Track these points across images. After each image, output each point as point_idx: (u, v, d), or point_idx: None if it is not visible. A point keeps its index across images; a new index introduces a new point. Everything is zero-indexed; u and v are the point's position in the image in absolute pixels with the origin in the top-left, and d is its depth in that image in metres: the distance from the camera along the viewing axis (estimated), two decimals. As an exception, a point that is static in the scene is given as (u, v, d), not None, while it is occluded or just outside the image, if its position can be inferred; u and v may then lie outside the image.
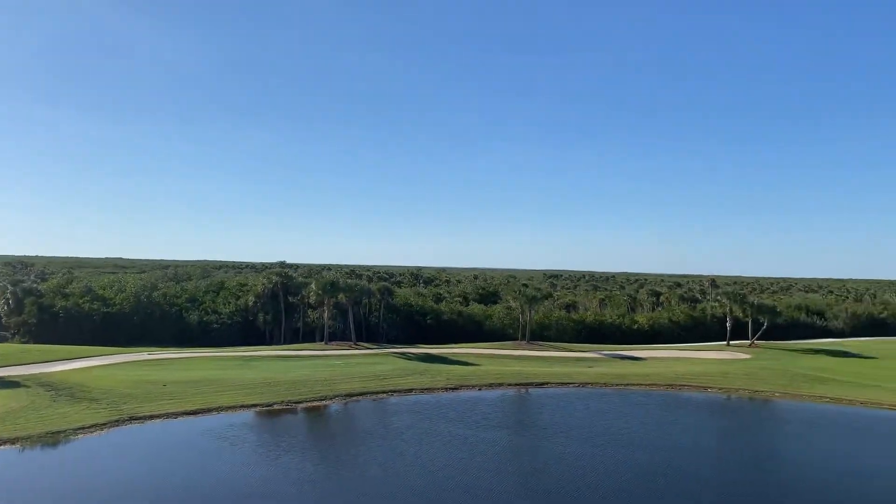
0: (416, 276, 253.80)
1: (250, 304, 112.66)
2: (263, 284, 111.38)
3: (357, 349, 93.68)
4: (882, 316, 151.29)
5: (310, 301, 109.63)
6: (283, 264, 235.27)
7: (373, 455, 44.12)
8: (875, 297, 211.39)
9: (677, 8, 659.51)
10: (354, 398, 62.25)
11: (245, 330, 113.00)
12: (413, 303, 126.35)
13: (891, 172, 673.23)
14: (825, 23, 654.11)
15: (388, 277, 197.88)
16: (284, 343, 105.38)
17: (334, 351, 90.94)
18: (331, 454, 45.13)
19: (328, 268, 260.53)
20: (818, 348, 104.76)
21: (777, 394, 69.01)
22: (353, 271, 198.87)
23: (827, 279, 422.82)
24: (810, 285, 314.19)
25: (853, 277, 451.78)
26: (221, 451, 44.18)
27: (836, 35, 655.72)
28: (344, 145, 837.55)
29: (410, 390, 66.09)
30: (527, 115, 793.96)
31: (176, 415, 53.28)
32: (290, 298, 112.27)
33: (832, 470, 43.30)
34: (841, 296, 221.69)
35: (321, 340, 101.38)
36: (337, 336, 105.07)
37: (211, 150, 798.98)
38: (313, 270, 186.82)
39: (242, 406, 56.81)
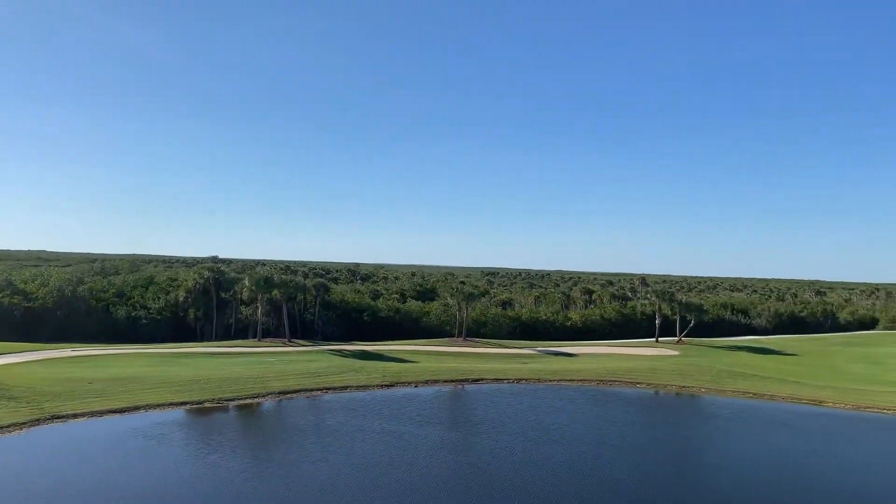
0: (354, 272, 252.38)
1: (181, 299, 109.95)
2: (195, 279, 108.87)
3: (291, 346, 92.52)
4: (802, 315, 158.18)
5: (243, 297, 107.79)
6: (215, 259, 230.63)
7: (305, 452, 43.73)
8: (796, 296, 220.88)
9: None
10: (288, 396, 61.50)
11: (175, 326, 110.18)
12: (350, 300, 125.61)
13: (811, 175, 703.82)
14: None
15: (325, 274, 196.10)
16: (216, 340, 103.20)
17: (268, 348, 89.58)
18: (262, 452, 44.49)
19: (262, 263, 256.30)
20: (742, 345, 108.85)
21: (703, 389, 71.39)
22: (289, 267, 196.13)
23: (751, 279, 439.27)
24: (735, 284, 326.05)
25: (776, 277, 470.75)
26: (148, 450, 43.02)
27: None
28: (277, 138, 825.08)
29: (346, 387, 65.70)
30: (468, 113, 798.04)
31: (101, 413, 51.57)
32: (223, 294, 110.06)
33: (751, 461, 45.07)
34: (764, 295, 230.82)
35: (254, 337, 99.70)
36: (271, 333, 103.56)
37: (140, 139, 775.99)
38: (247, 266, 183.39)
39: (171, 404, 55.39)
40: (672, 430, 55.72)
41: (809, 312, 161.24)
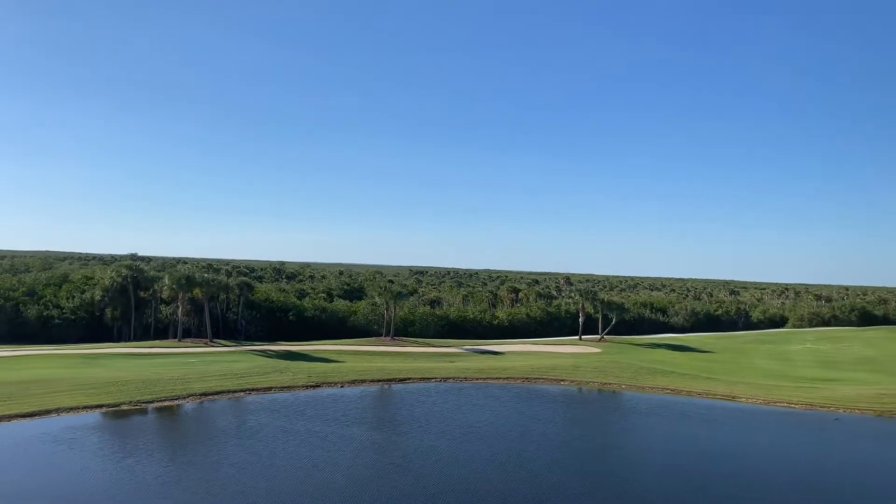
0: (279, 271, 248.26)
1: (97, 298, 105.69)
2: (112, 278, 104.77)
3: (214, 347, 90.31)
4: (717, 313, 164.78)
5: (163, 296, 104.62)
6: (134, 257, 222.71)
7: (225, 455, 42.75)
8: (711, 295, 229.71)
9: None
10: (210, 397, 60.01)
11: (91, 326, 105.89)
12: (275, 299, 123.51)
13: (726, 180, 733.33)
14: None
15: (249, 272, 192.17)
16: (135, 340, 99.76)
17: (189, 348, 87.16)
18: (180, 455, 43.27)
19: (183, 261, 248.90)
20: (661, 343, 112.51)
21: (623, 385, 73.43)
22: (211, 265, 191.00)
23: (670, 279, 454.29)
24: (655, 284, 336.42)
25: (693, 277, 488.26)
26: (58, 455, 41.21)
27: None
28: (204, 134, 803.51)
29: (270, 388, 64.59)
30: (400, 110, 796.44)
31: (9, 417, 49.09)
32: (142, 293, 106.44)
33: (666, 453, 46.73)
34: (682, 294, 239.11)
35: (175, 337, 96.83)
36: (192, 333, 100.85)
37: (49, 132, 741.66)
38: (167, 264, 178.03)
39: (86, 407, 53.20)
40: (593, 425, 57.15)
41: (724, 311, 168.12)
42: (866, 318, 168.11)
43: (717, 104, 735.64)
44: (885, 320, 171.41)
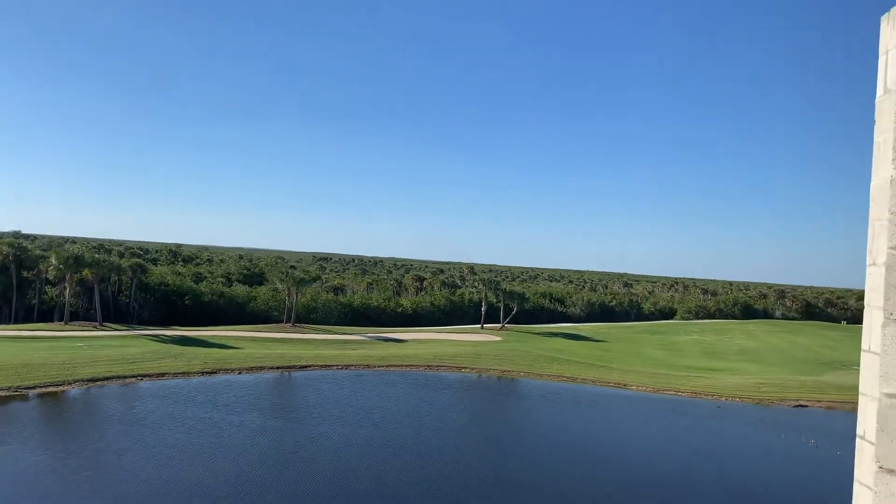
0: (175, 253, 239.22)
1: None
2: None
3: (104, 330, 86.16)
4: (612, 304, 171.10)
5: (48, 276, 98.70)
6: (17, 234, 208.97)
7: (108, 442, 40.95)
8: (606, 287, 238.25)
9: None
10: (98, 383, 57.28)
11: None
12: (170, 282, 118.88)
13: (622, 177, 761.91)
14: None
15: (143, 254, 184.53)
16: (16, 322, 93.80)
17: (77, 332, 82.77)
18: (58, 443, 41.11)
19: (72, 241, 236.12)
20: (558, 332, 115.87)
21: (522, 373, 75.26)
22: (102, 246, 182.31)
23: (568, 270, 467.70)
24: (553, 275, 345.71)
25: (590, 269, 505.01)
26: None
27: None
28: (95, 109, 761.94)
29: (163, 374, 62.29)
30: (303, 95, 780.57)
31: None
32: (25, 273, 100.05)
33: (557, 437, 48.41)
34: (579, 285, 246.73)
35: (61, 320, 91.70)
36: (80, 316, 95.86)
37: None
38: (54, 242, 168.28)
39: (-43, 394, 49.73)
40: (490, 411, 58.46)
41: (618, 302, 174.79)
42: (748, 312, 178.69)
43: (615, 102, 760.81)
44: (764, 314, 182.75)
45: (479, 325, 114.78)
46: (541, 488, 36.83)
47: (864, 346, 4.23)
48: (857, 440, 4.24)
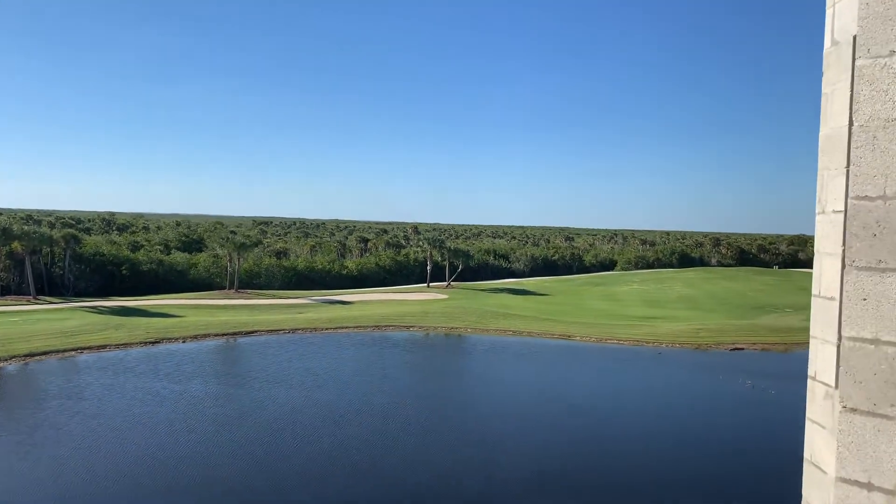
0: (109, 222, 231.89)
1: None
2: None
3: (38, 304, 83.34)
4: (554, 258, 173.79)
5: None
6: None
7: (44, 417, 39.97)
8: (549, 242, 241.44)
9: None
10: (36, 358, 55.55)
11: None
12: (105, 252, 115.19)
13: (562, 135, 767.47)
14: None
15: (76, 224, 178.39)
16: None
17: (9, 307, 79.85)
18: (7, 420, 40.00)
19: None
20: (503, 287, 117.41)
21: (469, 329, 76.16)
22: (31, 216, 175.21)
23: (510, 226, 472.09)
24: (497, 232, 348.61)
25: (532, 224, 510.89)
26: None
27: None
28: (15, 74, 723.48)
29: (104, 346, 60.77)
30: (224, 51, 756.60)
31: None
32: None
33: (503, 390, 49.46)
34: (521, 241, 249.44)
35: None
36: (12, 290, 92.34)
37: None
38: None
39: None
40: (436, 367, 59.35)
41: (560, 256, 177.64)
42: (685, 261, 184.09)
43: (552, 62, 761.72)
44: (700, 262, 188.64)
45: (426, 284, 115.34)
46: (487, 440, 37.65)
47: (814, 291, 4.39)
48: (809, 381, 4.43)
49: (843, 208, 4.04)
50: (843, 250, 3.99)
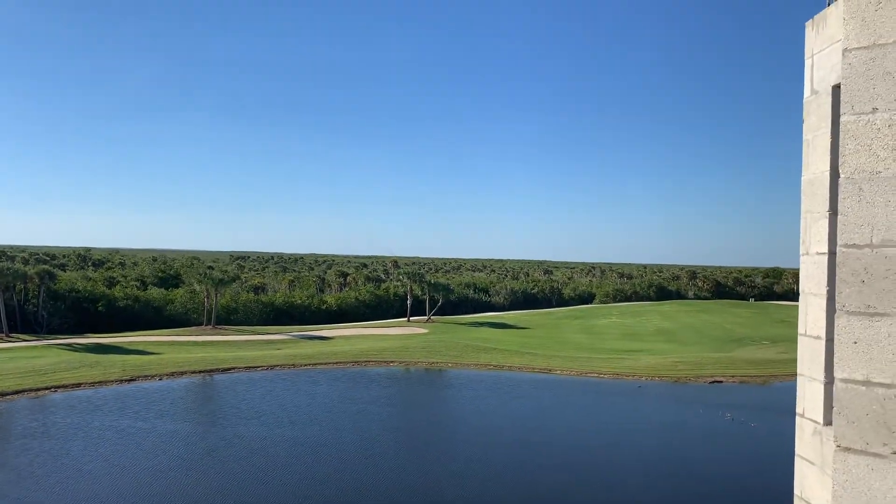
0: (84, 258, 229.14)
1: None
2: None
3: (10, 341, 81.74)
4: (533, 291, 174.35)
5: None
6: None
7: (6, 458, 39.07)
8: (528, 275, 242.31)
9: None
10: (7, 397, 54.32)
11: None
12: (81, 288, 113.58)
13: (538, 169, 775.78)
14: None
15: (50, 259, 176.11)
16: None
17: (-21, 345, 78.21)
18: None
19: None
20: (484, 321, 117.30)
21: (450, 363, 75.85)
22: (4, 252, 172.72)
23: (490, 259, 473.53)
24: (476, 265, 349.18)
25: (511, 258, 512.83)
26: None
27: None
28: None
29: (79, 385, 59.62)
30: (203, 86, 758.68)
31: None
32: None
33: (482, 424, 49.18)
34: (501, 274, 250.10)
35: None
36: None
37: None
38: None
39: None
40: (415, 402, 59.08)
41: (539, 290, 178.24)
42: (662, 293, 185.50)
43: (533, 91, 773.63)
44: (678, 294, 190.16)
45: (406, 318, 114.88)
46: (464, 474, 37.30)
47: (800, 330, 4.54)
48: (797, 418, 4.55)
49: (826, 250, 4.22)
50: (829, 292, 4.16)
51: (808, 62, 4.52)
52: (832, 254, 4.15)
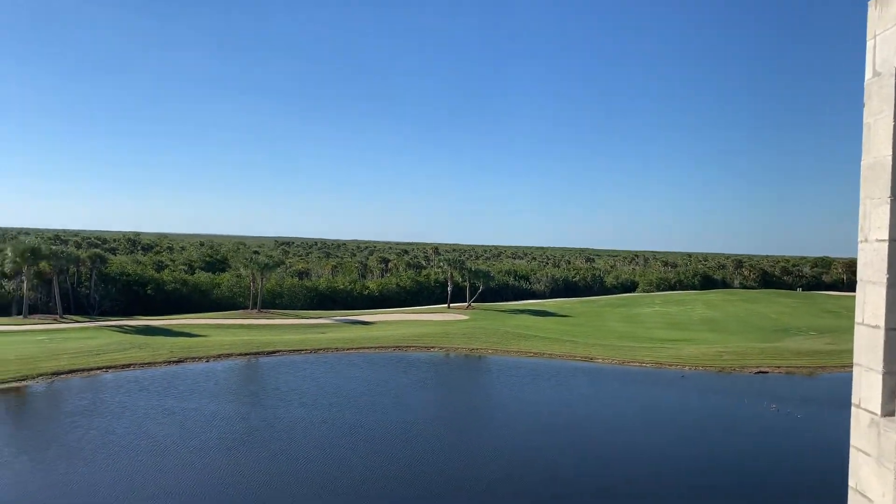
0: (134, 242, 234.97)
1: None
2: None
3: (64, 323, 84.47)
4: (575, 279, 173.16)
5: (4, 270, 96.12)
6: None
7: (57, 435, 40.41)
8: (569, 263, 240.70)
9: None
10: (62, 376, 56.23)
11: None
12: (131, 271, 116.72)
13: (583, 157, 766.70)
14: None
15: (101, 244, 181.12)
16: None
17: (36, 325, 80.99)
18: (10, 438, 40.38)
19: (26, 232, 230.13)
20: (524, 308, 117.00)
21: (490, 350, 75.96)
22: (58, 236, 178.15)
23: (531, 247, 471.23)
24: (517, 252, 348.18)
25: (552, 246, 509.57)
26: None
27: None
28: (43, 96, 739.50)
29: (129, 365, 61.37)
30: (269, 78, 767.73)
31: None
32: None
33: (525, 411, 49.17)
34: (542, 262, 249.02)
35: (19, 314, 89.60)
36: (39, 309, 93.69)
37: None
38: (8, 235, 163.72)
39: (-85, 393, 48.42)
40: (457, 387, 59.25)
41: (581, 277, 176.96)
42: (707, 282, 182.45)
43: (581, 76, 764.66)
44: (723, 284, 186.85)
45: (446, 305, 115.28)
46: (513, 460, 37.39)
47: (857, 318, 4.44)
48: (853, 408, 4.46)
49: (886, 237, 4.11)
50: (889, 280, 4.05)
51: (870, 43, 4.39)
52: (893, 241, 4.04)
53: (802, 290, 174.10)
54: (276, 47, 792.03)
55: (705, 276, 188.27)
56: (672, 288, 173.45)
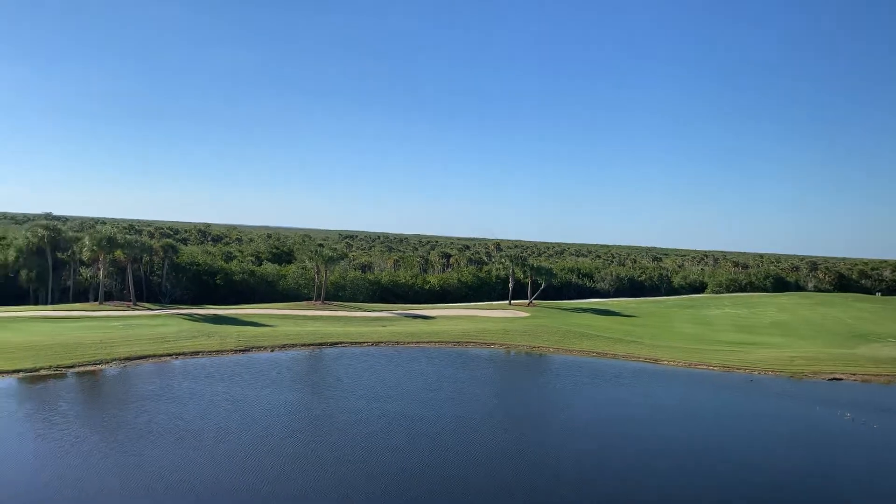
0: (204, 233, 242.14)
1: (11, 259, 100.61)
2: (27, 238, 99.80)
3: (138, 310, 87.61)
4: (641, 279, 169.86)
5: (82, 258, 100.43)
6: (49, 216, 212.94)
7: (126, 419, 41.63)
8: (635, 262, 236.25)
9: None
10: (134, 362, 58.30)
11: (4, 288, 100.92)
12: (201, 261, 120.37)
13: (650, 155, 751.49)
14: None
15: (173, 234, 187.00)
16: (52, 303, 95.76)
17: (111, 312, 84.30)
18: (78, 420, 41.84)
19: (102, 221, 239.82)
20: (587, 307, 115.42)
21: (551, 349, 75.13)
22: (132, 226, 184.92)
23: (595, 245, 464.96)
24: (581, 250, 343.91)
25: (617, 244, 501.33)
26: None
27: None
28: (124, 89, 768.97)
29: (197, 353, 63.18)
30: (326, 74, 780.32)
31: (-85, 385, 46.53)
32: (59, 254, 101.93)
33: (588, 412, 48.34)
34: (607, 260, 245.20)
35: (95, 300, 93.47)
36: (114, 296, 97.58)
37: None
38: (86, 224, 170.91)
39: (2, 372, 50.93)
40: (518, 386, 58.71)
41: (647, 277, 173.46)
42: (780, 285, 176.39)
43: (637, 72, 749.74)
44: (796, 286, 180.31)
45: (507, 302, 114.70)
46: (579, 461, 36.81)
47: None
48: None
49: None
50: None
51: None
52: None
53: (881, 295, 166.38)
54: (351, 46, 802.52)
55: (778, 277, 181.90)
56: (742, 290, 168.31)
